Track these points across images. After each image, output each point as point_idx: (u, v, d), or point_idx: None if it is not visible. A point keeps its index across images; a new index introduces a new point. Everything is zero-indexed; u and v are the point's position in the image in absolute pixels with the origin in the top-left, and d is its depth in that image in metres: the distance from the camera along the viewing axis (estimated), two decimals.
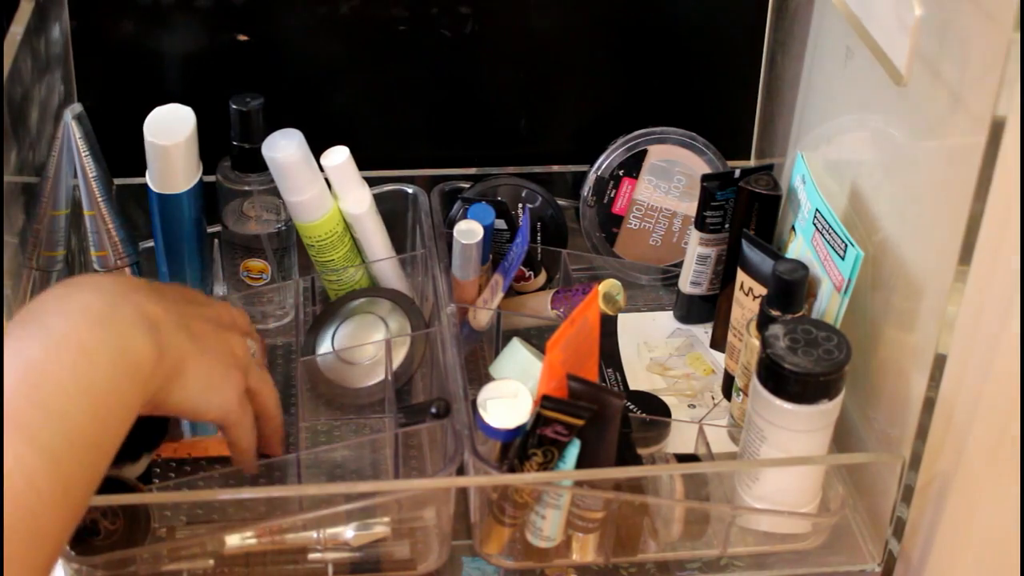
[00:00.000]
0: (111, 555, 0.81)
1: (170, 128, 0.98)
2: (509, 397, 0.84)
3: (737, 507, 0.89)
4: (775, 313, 0.90)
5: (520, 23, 1.12)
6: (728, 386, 1.02)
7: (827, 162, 1.01)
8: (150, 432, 0.89)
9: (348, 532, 0.86)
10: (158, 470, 0.96)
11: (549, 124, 1.18)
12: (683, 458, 0.91)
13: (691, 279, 1.10)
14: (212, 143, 1.02)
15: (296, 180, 1.00)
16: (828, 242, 0.92)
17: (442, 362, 0.94)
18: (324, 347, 1.02)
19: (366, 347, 1.01)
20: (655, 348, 1.10)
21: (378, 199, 1.06)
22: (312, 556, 0.86)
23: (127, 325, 0.70)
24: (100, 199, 0.99)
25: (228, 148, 1.03)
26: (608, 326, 1.04)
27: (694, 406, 1.03)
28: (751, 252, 0.98)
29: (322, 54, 1.12)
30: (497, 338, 1.02)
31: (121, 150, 1.00)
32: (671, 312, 1.14)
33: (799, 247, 0.98)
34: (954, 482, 0.83)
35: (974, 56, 0.75)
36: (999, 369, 0.78)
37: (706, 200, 1.05)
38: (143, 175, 1.01)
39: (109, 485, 0.85)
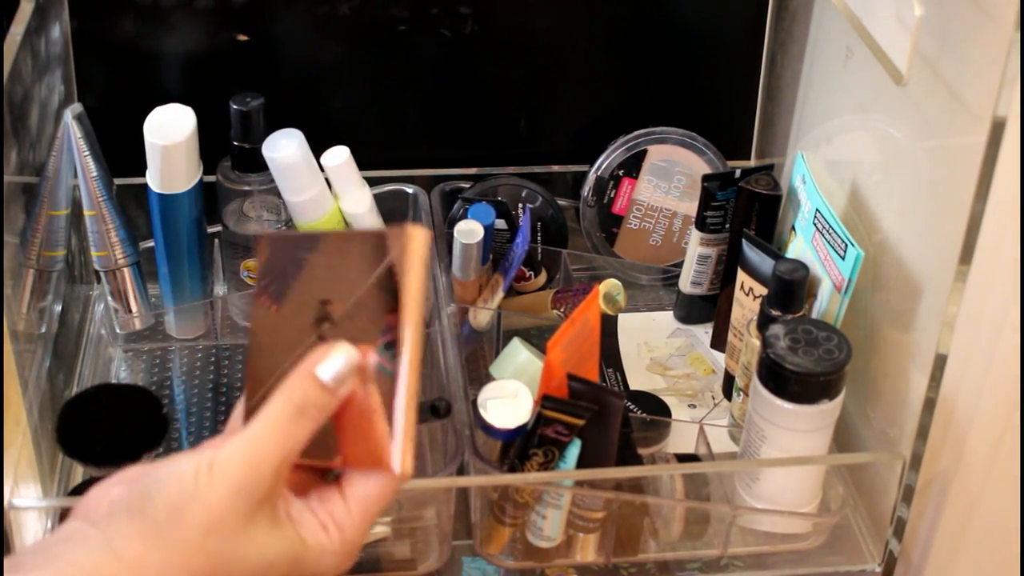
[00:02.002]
0: None
1: (170, 128, 0.98)
2: (509, 397, 0.84)
3: (737, 507, 0.89)
4: (775, 313, 0.90)
5: (520, 23, 1.12)
6: (728, 386, 1.02)
7: (827, 162, 1.01)
8: (150, 432, 0.89)
9: None
10: None
11: (549, 124, 1.18)
12: (683, 458, 0.91)
13: (691, 279, 1.10)
14: (212, 143, 1.02)
15: (296, 180, 1.00)
16: (828, 242, 0.92)
17: (442, 362, 0.94)
18: None
19: None
20: (655, 348, 1.10)
21: (378, 199, 1.06)
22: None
23: None
24: (100, 199, 0.99)
25: (228, 148, 1.03)
26: (608, 326, 1.04)
27: (694, 406, 1.03)
28: (751, 252, 0.98)
29: (322, 54, 1.12)
30: (497, 338, 1.02)
31: (121, 150, 1.00)
32: (671, 312, 1.14)
33: (799, 247, 0.98)
34: (954, 482, 0.83)
35: (974, 56, 0.75)
36: (999, 369, 0.78)
37: (706, 200, 1.05)
38: (143, 175, 1.01)
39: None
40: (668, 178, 1.14)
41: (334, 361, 0.59)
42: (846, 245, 0.89)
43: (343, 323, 0.60)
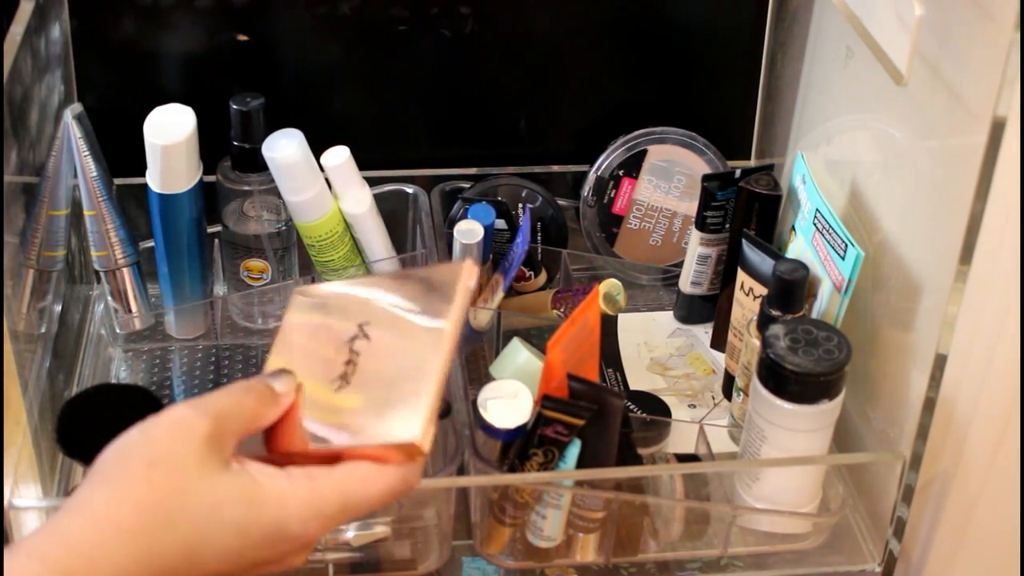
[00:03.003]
0: None
1: (170, 128, 0.98)
2: (509, 397, 0.84)
3: (737, 507, 0.89)
4: (775, 313, 0.90)
5: (520, 23, 1.12)
6: (728, 386, 1.02)
7: (827, 162, 1.01)
8: None
9: (348, 532, 0.86)
10: None
11: (549, 124, 1.18)
12: (683, 458, 0.91)
13: (691, 279, 1.10)
14: (212, 143, 1.02)
15: (296, 180, 1.00)
16: (828, 242, 0.92)
17: None
18: None
19: None
20: (655, 348, 1.10)
21: (378, 199, 1.06)
22: (312, 556, 0.86)
23: None
24: (100, 199, 0.99)
25: (228, 148, 1.03)
26: (608, 326, 1.04)
27: (694, 406, 1.03)
28: (751, 252, 0.98)
29: (322, 54, 1.12)
30: (497, 338, 1.02)
31: (121, 150, 1.00)
32: (671, 312, 1.14)
33: (799, 247, 0.98)
34: (954, 482, 0.83)
35: (974, 56, 0.75)
36: (999, 369, 0.78)
37: (706, 200, 1.05)
38: (143, 175, 1.01)
39: None
40: (668, 178, 1.14)
41: (277, 374, 0.64)
42: (846, 245, 0.89)
43: (377, 341, 0.65)
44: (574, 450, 0.82)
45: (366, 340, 0.65)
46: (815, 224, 0.94)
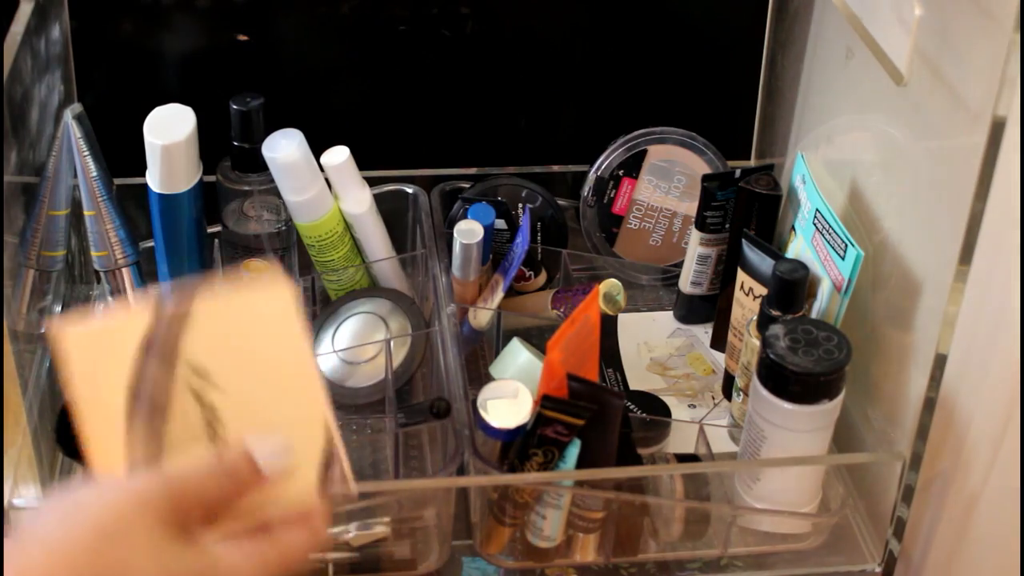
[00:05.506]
0: None
1: (170, 128, 0.98)
2: (509, 397, 0.84)
3: (737, 507, 0.89)
4: (775, 313, 0.90)
5: (520, 23, 1.12)
6: (728, 386, 1.02)
7: (827, 162, 1.01)
8: None
9: (348, 532, 0.86)
10: None
11: (549, 124, 1.18)
12: (683, 458, 0.91)
13: (691, 279, 1.10)
14: (212, 143, 1.02)
15: (296, 180, 1.00)
16: (828, 242, 0.92)
17: (442, 362, 0.94)
18: (324, 347, 1.02)
19: (366, 347, 1.01)
20: (655, 348, 1.10)
21: (378, 199, 1.06)
22: (312, 556, 0.86)
23: None
24: (100, 199, 0.99)
25: (228, 148, 1.03)
26: (608, 326, 1.04)
27: (694, 406, 1.03)
28: (751, 252, 0.98)
29: (322, 54, 1.12)
30: (497, 338, 1.02)
31: (121, 150, 1.00)
32: (671, 312, 1.14)
33: (799, 247, 0.98)
34: (954, 482, 0.83)
35: (974, 56, 0.75)
36: (999, 369, 0.78)
37: (706, 200, 1.05)
38: (143, 175, 1.01)
39: None
40: (668, 178, 1.14)
41: (275, 451, 0.61)
42: (846, 245, 0.89)
43: (232, 393, 0.60)
44: (574, 450, 0.82)
45: (221, 394, 0.60)
46: (815, 224, 0.94)
